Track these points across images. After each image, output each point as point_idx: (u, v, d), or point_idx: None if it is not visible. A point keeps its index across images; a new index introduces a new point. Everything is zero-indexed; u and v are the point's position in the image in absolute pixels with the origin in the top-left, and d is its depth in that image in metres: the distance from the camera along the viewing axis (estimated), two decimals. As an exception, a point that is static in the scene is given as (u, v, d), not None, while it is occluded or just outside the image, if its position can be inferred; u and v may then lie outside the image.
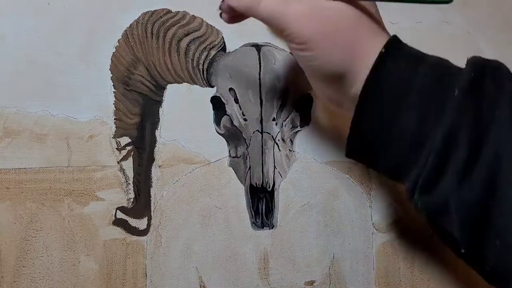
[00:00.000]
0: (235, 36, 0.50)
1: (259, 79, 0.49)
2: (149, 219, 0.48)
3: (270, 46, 0.50)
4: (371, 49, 0.35)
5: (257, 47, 0.50)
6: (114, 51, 0.48)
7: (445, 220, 0.34)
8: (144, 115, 0.49)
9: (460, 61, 0.53)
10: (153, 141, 0.49)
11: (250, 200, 0.49)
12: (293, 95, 0.50)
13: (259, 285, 0.49)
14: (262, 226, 0.49)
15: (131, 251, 0.48)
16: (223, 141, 0.50)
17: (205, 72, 0.49)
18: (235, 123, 0.49)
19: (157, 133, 0.49)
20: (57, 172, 0.47)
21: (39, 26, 0.48)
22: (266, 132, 0.49)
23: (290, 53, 0.50)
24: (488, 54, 0.54)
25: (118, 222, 0.47)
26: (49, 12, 0.48)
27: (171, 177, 0.49)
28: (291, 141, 0.50)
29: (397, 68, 0.34)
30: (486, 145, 0.32)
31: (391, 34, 0.37)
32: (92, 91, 0.48)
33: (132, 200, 0.48)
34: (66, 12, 0.48)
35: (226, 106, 0.49)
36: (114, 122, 0.48)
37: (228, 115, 0.49)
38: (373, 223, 0.51)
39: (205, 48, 0.49)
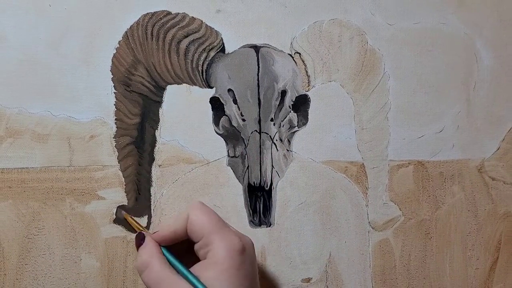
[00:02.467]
0: (234, 38, 0.51)
1: (258, 80, 0.50)
2: (149, 218, 0.49)
3: (269, 48, 0.51)
4: None
5: (256, 48, 0.51)
6: (114, 52, 0.49)
7: None
8: (144, 115, 0.49)
9: (457, 62, 0.54)
10: (153, 141, 0.49)
11: (248, 199, 0.50)
12: (291, 96, 0.51)
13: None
14: (260, 224, 0.50)
15: (132, 248, 0.48)
16: (222, 141, 0.50)
17: (204, 73, 0.50)
18: (234, 123, 0.50)
19: (157, 133, 0.49)
20: (59, 171, 0.48)
21: (41, 28, 0.48)
22: (264, 132, 0.50)
23: (289, 54, 0.51)
24: (485, 54, 0.54)
25: (118, 221, 0.48)
26: (50, 13, 0.48)
27: (171, 176, 0.49)
28: (289, 141, 0.51)
29: None
30: None
31: (389, 35, 0.37)
32: (93, 92, 0.49)
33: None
34: (67, 13, 0.49)
35: (225, 106, 0.50)
36: (115, 123, 0.49)
37: (226, 115, 0.50)
38: (369, 222, 0.52)
39: (204, 49, 0.50)
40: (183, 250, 0.44)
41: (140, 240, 0.43)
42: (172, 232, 0.43)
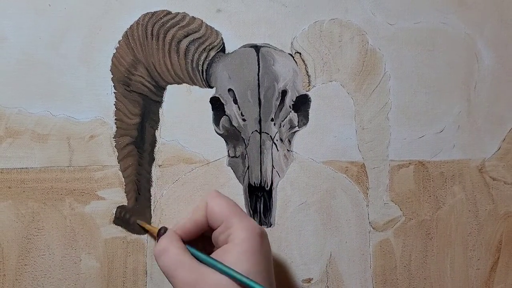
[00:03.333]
0: (234, 37, 0.51)
1: (258, 79, 0.50)
2: (149, 218, 0.49)
3: (269, 47, 0.51)
4: None
5: (256, 48, 0.51)
6: (114, 52, 0.49)
7: None
8: (144, 115, 0.49)
9: (457, 62, 0.54)
10: (153, 141, 0.49)
11: (249, 199, 0.50)
12: (291, 96, 0.51)
13: (258, 283, 0.50)
14: (260, 224, 0.50)
15: (132, 249, 0.48)
16: (222, 141, 0.50)
17: (204, 73, 0.50)
18: (234, 123, 0.50)
19: (157, 133, 0.49)
20: (59, 171, 0.48)
21: (41, 28, 0.48)
22: (265, 132, 0.50)
23: (289, 54, 0.51)
24: (486, 54, 0.54)
25: (118, 221, 0.48)
26: (50, 13, 0.48)
27: (171, 177, 0.49)
28: (289, 141, 0.51)
29: None
30: None
31: (390, 34, 0.37)
32: (93, 91, 0.48)
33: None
34: (67, 13, 0.49)
35: (225, 106, 0.50)
36: (115, 123, 0.49)
37: (227, 115, 0.50)
38: (370, 222, 0.52)
39: (204, 49, 0.50)
40: (200, 246, 0.43)
41: (161, 234, 0.43)
42: (193, 223, 0.42)
